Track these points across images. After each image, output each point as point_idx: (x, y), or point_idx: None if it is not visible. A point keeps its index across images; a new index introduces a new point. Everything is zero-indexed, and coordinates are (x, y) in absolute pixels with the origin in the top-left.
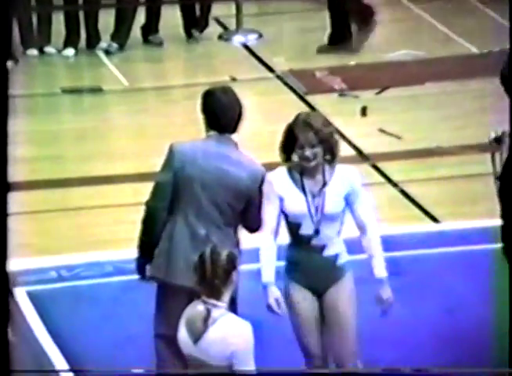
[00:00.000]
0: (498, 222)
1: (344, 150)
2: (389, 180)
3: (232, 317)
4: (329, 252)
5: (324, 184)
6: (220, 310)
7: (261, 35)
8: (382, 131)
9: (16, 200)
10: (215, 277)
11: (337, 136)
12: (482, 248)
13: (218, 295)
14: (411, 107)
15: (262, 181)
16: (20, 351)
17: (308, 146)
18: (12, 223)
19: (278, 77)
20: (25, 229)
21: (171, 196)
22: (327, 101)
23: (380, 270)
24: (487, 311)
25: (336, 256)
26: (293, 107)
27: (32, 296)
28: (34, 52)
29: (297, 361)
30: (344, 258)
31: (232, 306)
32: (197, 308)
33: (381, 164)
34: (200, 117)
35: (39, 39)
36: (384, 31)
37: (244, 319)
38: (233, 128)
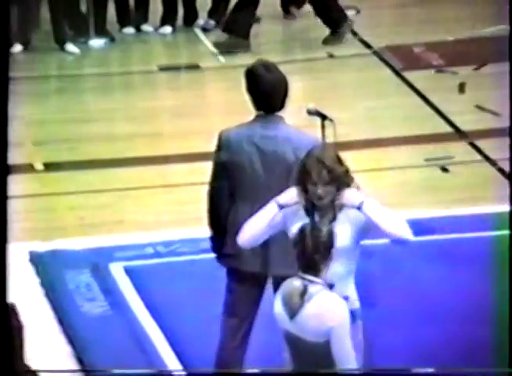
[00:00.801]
0: None
1: (441, 126)
2: (487, 158)
3: (328, 294)
4: (337, 292)
5: (334, 218)
6: (317, 286)
7: (358, 11)
8: (480, 107)
9: (114, 177)
10: (315, 253)
11: (350, 173)
12: None
13: (316, 271)
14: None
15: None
16: (118, 325)
17: (320, 184)
18: (111, 199)
19: (375, 53)
20: (123, 206)
21: (229, 183)
22: (424, 77)
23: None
24: None
25: (345, 298)
26: (390, 83)
27: (129, 271)
28: (130, 30)
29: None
30: (355, 304)
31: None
32: (294, 283)
33: (479, 142)
34: (297, 93)
35: (136, 17)
36: (478, 6)
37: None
38: (280, 106)
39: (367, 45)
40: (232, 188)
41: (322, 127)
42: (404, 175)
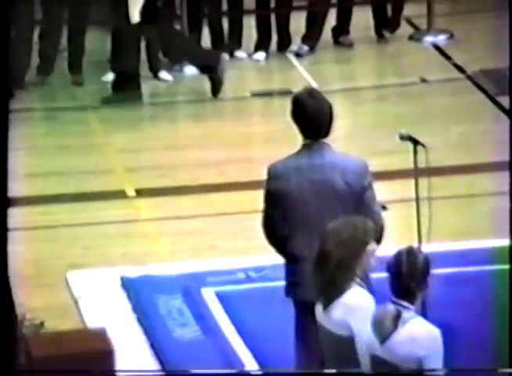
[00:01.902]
0: None
1: None
2: None
3: (422, 321)
4: None
5: None
6: (410, 312)
7: (452, 35)
8: None
9: (207, 203)
10: (411, 279)
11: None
12: None
13: (410, 298)
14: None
15: (364, 173)
16: (209, 350)
17: None
18: (203, 225)
19: (468, 77)
20: (215, 231)
21: (282, 213)
22: None
23: None
24: None
25: None
26: (483, 108)
27: (221, 296)
28: (225, 57)
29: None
30: None
31: (423, 310)
32: (387, 308)
33: None
34: (390, 118)
35: (230, 44)
36: None
37: (433, 324)
38: (325, 133)
39: (460, 70)
40: (285, 218)
41: (415, 152)
42: (497, 201)
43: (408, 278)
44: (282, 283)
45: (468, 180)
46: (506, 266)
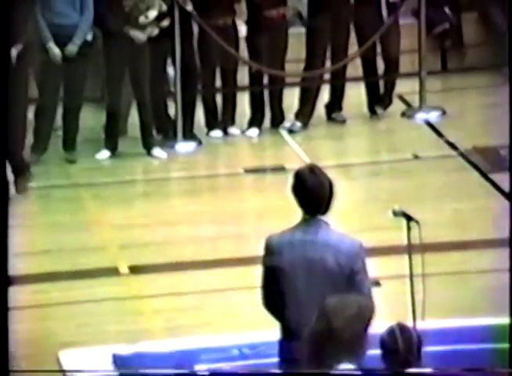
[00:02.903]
0: None
1: None
2: None
3: None
4: None
5: None
6: None
7: (444, 112)
8: None
9: (199, 279)
10: (409, 355)
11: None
12: None
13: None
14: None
15: (357, 256)
16: None
17: None
18: (196, 301)
19: (461, 154)
20: (208, 308)
21: (277, 287)
22: None
23: None
24: None
25: None
26: (477, 185)
27: (214, 374)
28: (218, 133)
29: None
30: None
31: None
32: None
33: None
34: (382, 194)
35: (223, 120)
36: None
37: None
38: (324, 209)
39: (453, 147)
40: (280, 293)
41: (408, 228)
42: (490, 279)
43: (405, 354)
44: (276, 359)
45: (462, 257)
46: (502, 345)
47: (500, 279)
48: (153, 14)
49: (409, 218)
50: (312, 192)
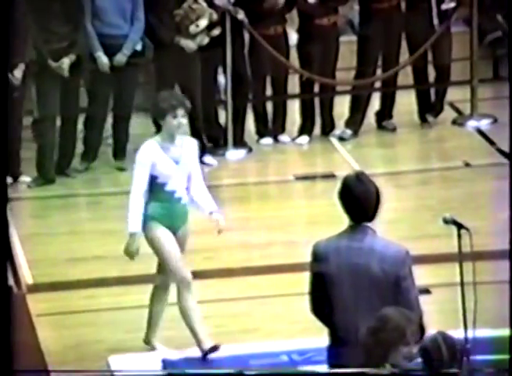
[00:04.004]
0: None
1: None
2: None
3: None
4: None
5: None
6: None
7: (495, 120)
8: None
9: (250, 285)
10: (454, 363)
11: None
12: None
13: None
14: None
15: (402, 263)
16: None
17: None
18: (247, 307)
19: None
20: (259, 314)
21: (325, 294)
22: None
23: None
24: None
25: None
26: None
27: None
28: (268, 140)
29: None
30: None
31: None
32: None
33: None
34: (434, 202)
35: (274, 128)
36: None
37: None
38: (371, 217)
39: (504, 154)
40: (327, 299)
41: (459, 236)
42: None
43: (449, 362)
44: (325, 366)
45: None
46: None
47: None
48: (203, 23)
49: (459, 226)
50: (359, 199)
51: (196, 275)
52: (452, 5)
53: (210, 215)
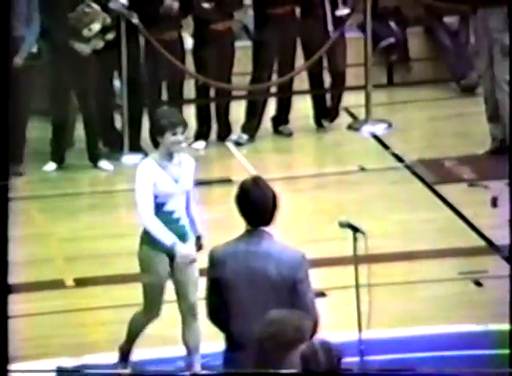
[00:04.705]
0: None
1: (475, 240)
2: None
3: None
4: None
5: None
6: None
7: (390, 125)
8: None
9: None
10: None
11: None
12: None
13: None
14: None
15: (299, 266)
16: None
17: None
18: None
19: (407, 166)
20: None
21: (221, 299)
22: (456, 191)
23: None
24: None
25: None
26: (422, 197)
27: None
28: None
29: None
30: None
31: None
32: None
33: None
34: (329, 206)
35: None
36: None
37: None
38: (267, 221)
39: (399, 159)
40: (224, 304)
41: (354, 239)
42: (437, 288)
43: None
44: (222, 370)
45: (407, 267)
46: (446, 353)
47: (445, 288)
48: (96, 27)
49: (355, 230)
50: (256, 203)
51: (92, 281)
52: (347, 11)
53: (197, 239)
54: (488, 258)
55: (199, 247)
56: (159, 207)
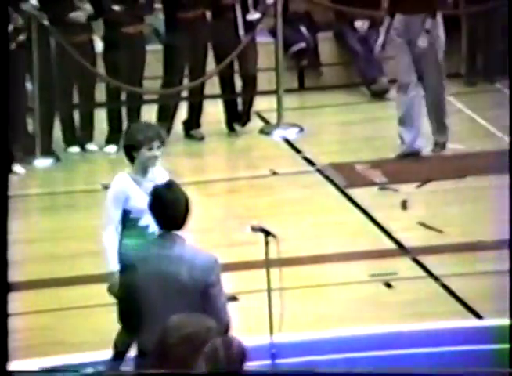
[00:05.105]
0: None
1: (385, 243)
2: (430, 274)
3: None
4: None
5: None
6: None
7: (301, 129)
8: (423, 224)
9: (56, 297)
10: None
11: None
12: None
13: None
14: (452, 201)
15: (211, 270)
16: None
17: None
18: (49, 320)
19: (318, 170)
20: (64, 326)
21: (134, 303)
22: (367, 194)
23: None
24: None
25: None
26: (333, 200)
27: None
28: (75, 149)
29: None
30: None
31: None
32: None
33: (422, 258)
34: (241, 210)
35: (81, 137)
36: (425, 125)
37: None
38: (180, 225)
39: (310, 163)
40: (136, 309)
41: (266, 243)
42: (348, 291)
43: (228, 366)
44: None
45: (319, 270)
46: (358, 354)
47: (356, 291)
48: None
49: (267, 233)
50: (168, 207)
51: None
52: (257, 15)
53: None
54: (398, 260)
55: None
56: (133, 222)
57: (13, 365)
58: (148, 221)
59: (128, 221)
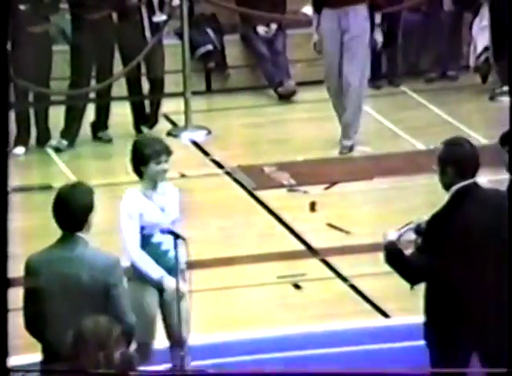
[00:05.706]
0: None
1: (294, 244)
2: (338, 275)
3: None
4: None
5: None
6: None
7: (209, 132)
8: (331, 226)
9: None
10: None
11: None
12: None
13: None
14: (359, 202)
15: (113, 270)
16: None
17: None
18: None
19: (227, 173)
20: None
21: (37, 307)
22: (276, 196)
23: None
24: None
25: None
26: (242, 202)
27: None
28: None
29: None
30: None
31: None
32: None
33: (330, 259)
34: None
35: None
36: (333, 128)
37: None
38: (79, 226)
39: (219, 165)
40: (40, 312)
41: (175, 246)
42: (257, 292)
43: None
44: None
45: (227, 272)
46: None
47: (265, 292)
48: None
49: (176, 236)
50: (70, 209)
51: None
52: (164, 17)
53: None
54: (306, 261)
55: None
56: (146, 240)
57: (13, 360)
58: (161, 238)
59: (141, 239)
